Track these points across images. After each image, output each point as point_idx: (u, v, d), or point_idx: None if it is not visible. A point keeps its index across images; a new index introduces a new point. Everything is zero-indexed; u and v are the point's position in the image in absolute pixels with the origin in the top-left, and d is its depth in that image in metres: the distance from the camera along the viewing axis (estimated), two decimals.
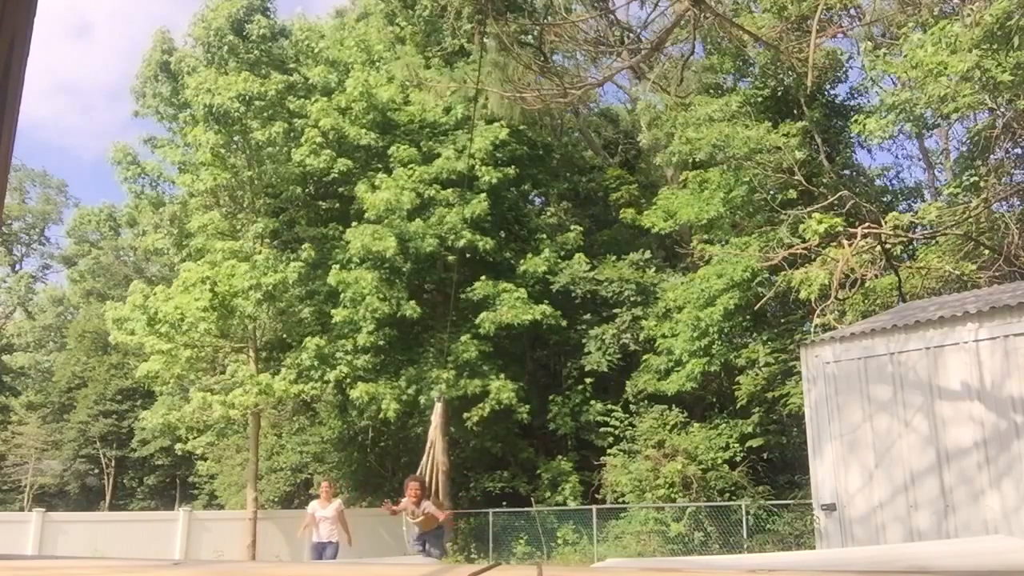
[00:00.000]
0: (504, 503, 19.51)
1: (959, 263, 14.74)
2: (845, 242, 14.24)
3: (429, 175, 19.79)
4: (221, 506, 26.00)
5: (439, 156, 20.20)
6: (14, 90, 2.06)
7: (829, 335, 10.68)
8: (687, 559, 10.86)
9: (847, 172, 19.65)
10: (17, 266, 46.98)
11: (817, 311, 14.36)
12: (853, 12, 16.97)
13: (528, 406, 19.19)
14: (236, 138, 18.70)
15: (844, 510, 9.49)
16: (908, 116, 15.29)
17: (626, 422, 18.87)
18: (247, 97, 18.00)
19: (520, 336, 20.51)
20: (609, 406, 19.49)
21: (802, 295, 14.94)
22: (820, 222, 14.76)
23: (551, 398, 20.47)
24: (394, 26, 23.66)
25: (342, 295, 18.26)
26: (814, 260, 15.19)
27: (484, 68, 9.51)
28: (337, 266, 18.43)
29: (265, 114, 18.64)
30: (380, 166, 20.57)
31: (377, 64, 22.37)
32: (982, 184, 15.07)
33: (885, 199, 19.17)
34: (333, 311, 18.33)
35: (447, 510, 11.70)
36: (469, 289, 19.41)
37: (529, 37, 14.36)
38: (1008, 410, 8.35)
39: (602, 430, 19.27)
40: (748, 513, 15.57)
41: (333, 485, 13.83)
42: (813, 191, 16.74)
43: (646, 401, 19.04)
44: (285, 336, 19.99)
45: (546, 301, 19.66)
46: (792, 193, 17.08)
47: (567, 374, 20.93)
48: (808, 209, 15.62)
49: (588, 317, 20.66)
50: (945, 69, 13.35)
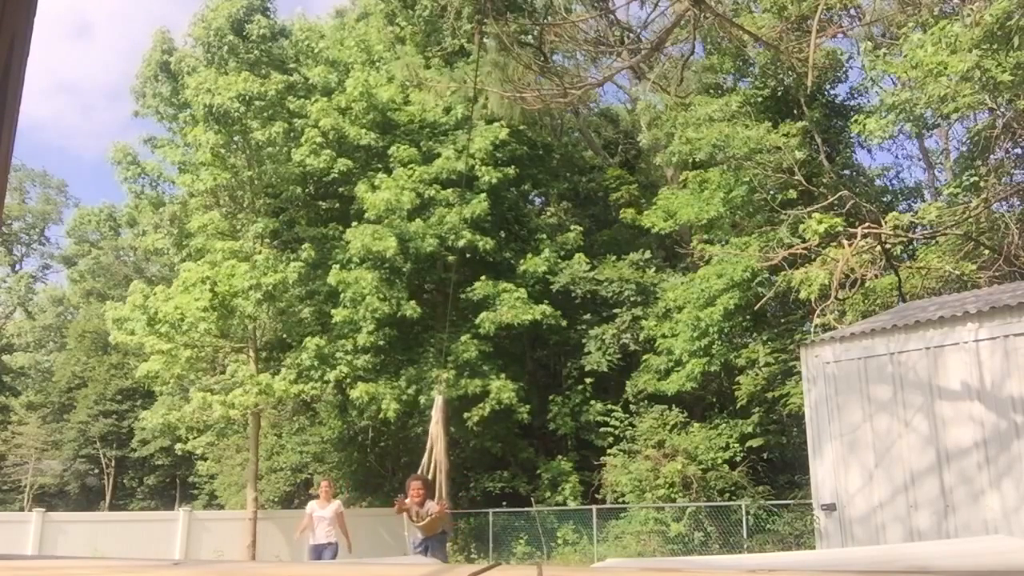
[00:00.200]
0: (504, 503, 19.52)
1: (959, 263, 14.73)
2: (845, 242, 14.24)
3: (429, 175, 19.81)
4: (221, 506, 25.99)
5: (439, 156, 20.22)
6: (14, 90, 2.06)
7: (829, 335, 10.67)
8: (687, 559, 10.84)
9: (847, 172, 19.65)
10: (17, 266, 47.02)
11: (817, 311, 14.36)
12: (853, 12, 16.98)
13: (528, 406, 19.20)
14: (236, 138, 18.71)
15: (844, 510, 9.48)
16: (908, 116, 15.27)
17: (626, 422, 18.87)
18: (247, 97, 18.01)
19: (520, 336, 20.53)
20: (609, 406, 19.50)
21: (802, 295, 14.93)
22: (820, 222, 14.76)
23: (551, 398, 20.48)
24: (394, 26, 23.67)
25: (342, 295, 18.27)
26: (814, 260, 15.18)
27: (484, 68, 9.49)
28: (337, 266, 18.43)
29: (265, 114, 18.64)
30: (380, 166, 20.58)
31: (377, 64, 22.39)
32: (982, 184, 15.06)
33: (885, 199, 19.17)
34: (333, 311, 18.33)
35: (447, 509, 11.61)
36: (469, 289, 19.42)
37: (529, 37, 14.32)
38: (1008, 410, 8.34)
39: (602, 430, 19.28)
40: (748, 513, 15.57)
41: (333, 485, 13.81)
42: (813, 191, 16.74)
43: (646, 401, 19.05)
44: (285, 336, 19.99)
45: (546, 301, 19.67)
46: (792, 193, 17.08)
47: (567, 374, 20.93)
48: (808, 209, 15.61)
49: (588, 317, 20.66)
50: (945, 69, 13.34)
